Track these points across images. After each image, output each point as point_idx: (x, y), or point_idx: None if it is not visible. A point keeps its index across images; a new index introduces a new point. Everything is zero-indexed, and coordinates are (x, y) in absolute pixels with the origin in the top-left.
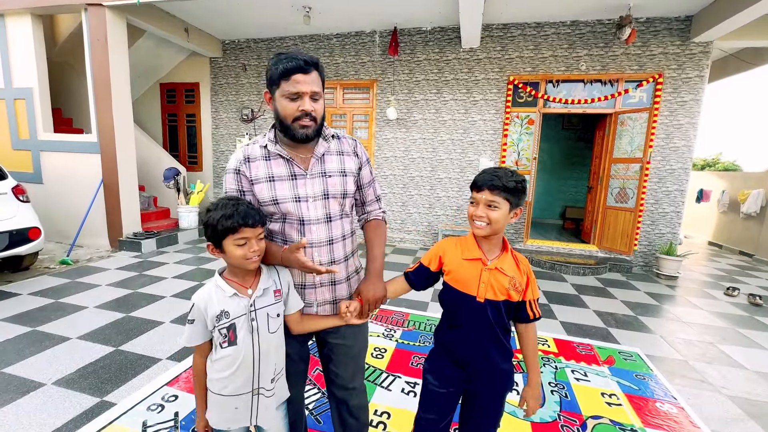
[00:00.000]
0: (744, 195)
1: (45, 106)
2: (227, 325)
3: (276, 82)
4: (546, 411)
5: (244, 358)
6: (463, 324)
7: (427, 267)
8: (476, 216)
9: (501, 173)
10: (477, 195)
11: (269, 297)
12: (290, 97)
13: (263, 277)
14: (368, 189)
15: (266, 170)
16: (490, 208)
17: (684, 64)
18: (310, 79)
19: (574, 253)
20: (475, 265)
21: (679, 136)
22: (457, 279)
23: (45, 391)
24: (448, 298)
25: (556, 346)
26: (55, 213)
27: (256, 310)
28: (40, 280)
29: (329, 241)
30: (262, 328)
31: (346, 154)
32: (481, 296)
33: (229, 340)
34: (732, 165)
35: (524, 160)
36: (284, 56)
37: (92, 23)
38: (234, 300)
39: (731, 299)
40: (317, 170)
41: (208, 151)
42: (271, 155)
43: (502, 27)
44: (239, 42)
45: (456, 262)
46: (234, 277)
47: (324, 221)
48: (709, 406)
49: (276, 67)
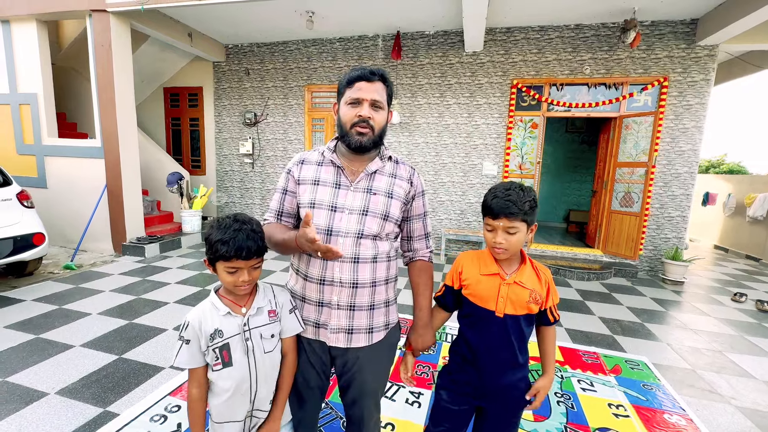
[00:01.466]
0: (750, 198)
1: (50, 111)
2: (221, 345)
3: (342, 92)
4: (552, 422)
5: (242, 380)
6: (482, 339)
7: (451, 287)
8: (496, 243)
9: (514, 197)
10: (494, 222)
11: (263, 317)
12: (351, 102)
13: (258, 296)
14: (417, 222)
15: (315, 174)
16: (509, 233)
17: (689, 68)
18: (373, 88)
19: (578, 258)
20: (494, 280)
21: (685, 140)
22: (476, 294)
23: (48, 401)
24: (467, 312)
25: (562, 354)
26: (59, 217)
27: (251, 329)
28: (44, 286)
29: (354, 259)
30: (257, 348)
31: (399, 178)
32: (500, 311)
33: (223, 361)
34: (737, 166)
35: (528, 164)
36: (354, 68)
37: (97, 29)
38: (228, 318)
39: (739, 305)
40: (363, 185)
41: (211, 156)
42: (324, 161)
43: (505, 31)
44: (242, 46)
45: (474, 278)
46: (228, 295)
47: (353, 236)
48: (719, 418)
49: (344, 77)
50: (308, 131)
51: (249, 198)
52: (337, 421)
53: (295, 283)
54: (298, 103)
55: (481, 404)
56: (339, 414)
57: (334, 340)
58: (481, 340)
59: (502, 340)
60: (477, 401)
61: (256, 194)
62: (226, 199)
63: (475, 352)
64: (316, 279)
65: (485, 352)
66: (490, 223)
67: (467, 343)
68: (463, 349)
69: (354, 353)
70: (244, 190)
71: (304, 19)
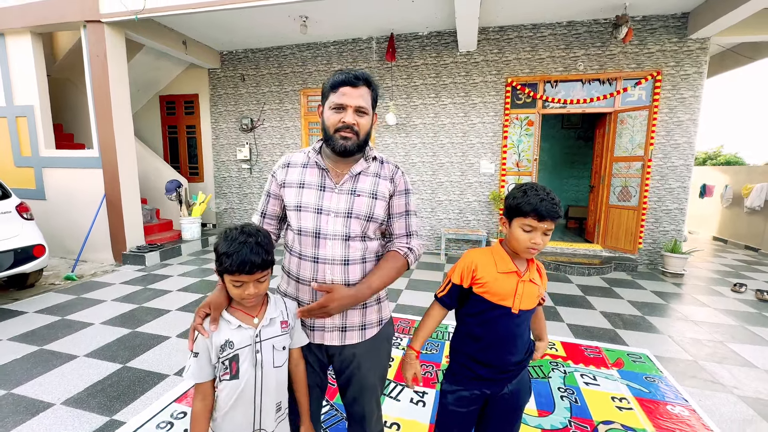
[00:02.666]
0: (747, 189)
1: (46, 122)
2: (230, 356)
3: (327, 95)
4: (556, 417)
5: (243, 392)
6: (496, 334)
7: (459, 285)
8: (535, 244)
9: (556, 198)
10: (538, 224)
11: (276, 327)
12: (335, 107)
13: (270, 307)
14: (398, 221)
15: (300, 176)
16: (546, 234)
17: (682, 61)
18: (357, 93)
19: (578, 253)
20: (512, 278)
21: (680, 133)
22: (493, 292)
23: (54, 411)
24: (477, 310)
25: (564, 349)
26: (58, 228)
27: (262, 341)
28: (46, 297)
29: (344, 261)
30: (266, 361)
31: (383, 177)
32: (516, 308)
33: (231, 373)
34: (733, 157)
35: (525, 162)
36: (339, 71)
37: (91, 39)
38: (239, 331)
39: (739, 296)
40: (347, 187)
41: (209, 162)
42: (309, 164)
43: (498, 30)
44: (237, 52)
45: (491, 276)
46: (239, 306)
47: (341, 239)
48: (721, 408)
49: (329, 81)
50: (305, 135)
51: (248, 203)
52: (343, 422)
53: (287, 285)
54: (294, 108)
55: (492, 391)
56: (344, 415)
57: (329, 339)
58: (495, 335)
59: (515, 333)
60: (488, 389)
61: (254, 199)
62: (225, 206)
63: (487, 348)
64: (307, 281)
65: (498, 345)
66: (533, 225)
67: (477, 339)
68: (470, 348)
69: (350, 350)
70: (242, 195)
71: (297, 24)
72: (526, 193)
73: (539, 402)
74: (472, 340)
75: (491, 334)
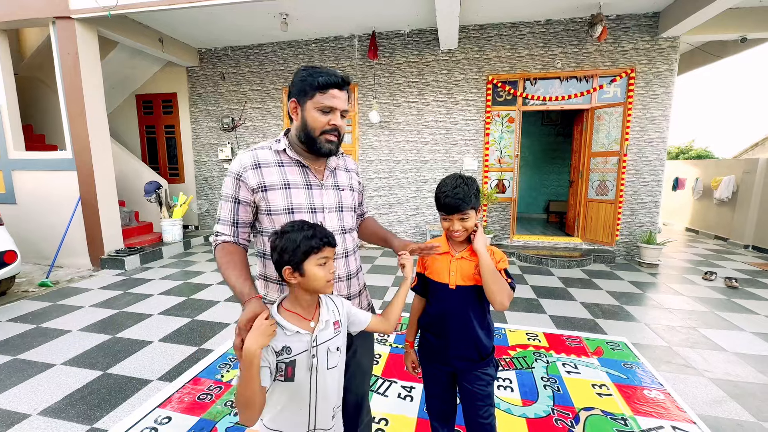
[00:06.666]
0: (716, 182)
1: (15, 123)
2: (287, 361)
3: (309, 93)
4: (540, 406)
5: (297, 394)
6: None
7: (421, 273)
8: (454, 230)
9: (461, 192)
10: (449, 217)
11: (329, 330)
12: (323, 109)
13: (323, 309)
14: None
15: (281, 176)
16: (463, 221)
17: (654, 59)
18: (344, 96)
19: (559, 247)
20: (445, 258)
21: (653, 128)
22: (432, 271)
23: (31, 423)
24: (429, 289)
25: (547, 340)
26: (31, 234)
27: (318, 345)
28: (19, 305)
29: (345, 254)
30: (321, 364)
31: (352, 171)
32: (453, 283)
33: (286, 376)
34: (704, 151)
35: (507, 158)
36: (321, 70)
37: (61, 37)
38: (296, 337)
39: (709, 283)
40: (331, 182)
41: (189, 163)
42: (285, 162)
43: (478, 28)
44: (216, 50)
45: (431, 259)
46: (295, 308)
47: (339, 233)
48: (694, 390)
49: (313, 78)
50: None
51: None
52: None
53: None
54: (276, 106)
55: (449, 370)
56: None
57: None
58: (439, 309)
59: (457, 309)
60: (446, 367)
61: None
62: (207, 207)
63: (435, 321)
64: None
65: (442, 319)
66: (446, 218)
67: (428, 314)
68: (425, 320)
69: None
70: None
71: (278, 21)
72: (438, 189)
73: (523, 392)
74: (426, 314)
75: (436, 308)
